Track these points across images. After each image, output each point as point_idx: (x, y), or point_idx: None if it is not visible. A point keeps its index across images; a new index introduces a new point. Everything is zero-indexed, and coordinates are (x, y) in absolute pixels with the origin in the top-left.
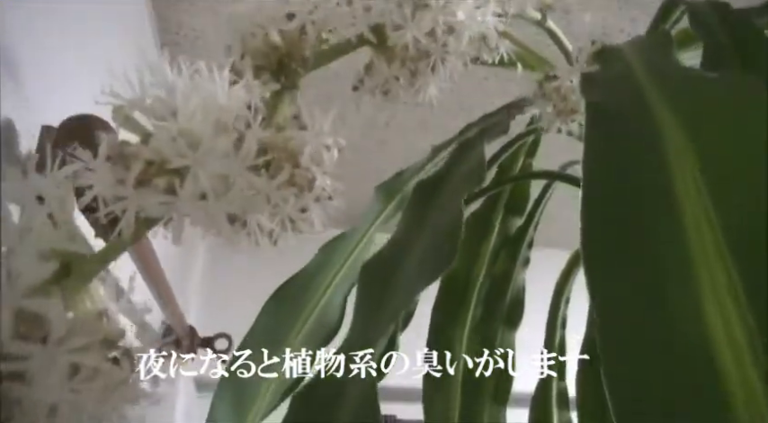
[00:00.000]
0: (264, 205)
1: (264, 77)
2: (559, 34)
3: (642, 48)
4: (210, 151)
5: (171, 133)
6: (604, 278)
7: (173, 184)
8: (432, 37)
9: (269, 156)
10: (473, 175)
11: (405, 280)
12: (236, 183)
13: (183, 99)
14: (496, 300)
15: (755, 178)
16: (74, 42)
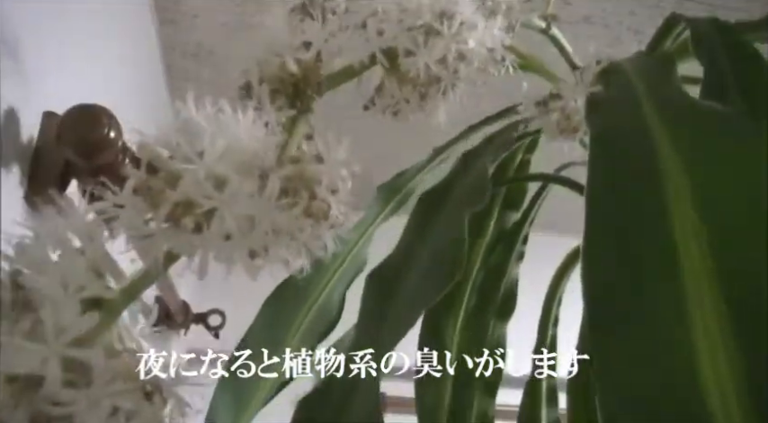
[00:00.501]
0: (286, 242)
1: (280, 101)
2: (563, 42)
3: (646, 71)
4: (236, 193)
5: (198, 176)
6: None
7: (199, 223)
8: (443, 64)
9: (287, 187)
10: (475, 194)
11: (408, 295)
12: (260, 222)
13: (209, 141)
14: (490, 291)
15: (754, 227)
16: (76, 27)
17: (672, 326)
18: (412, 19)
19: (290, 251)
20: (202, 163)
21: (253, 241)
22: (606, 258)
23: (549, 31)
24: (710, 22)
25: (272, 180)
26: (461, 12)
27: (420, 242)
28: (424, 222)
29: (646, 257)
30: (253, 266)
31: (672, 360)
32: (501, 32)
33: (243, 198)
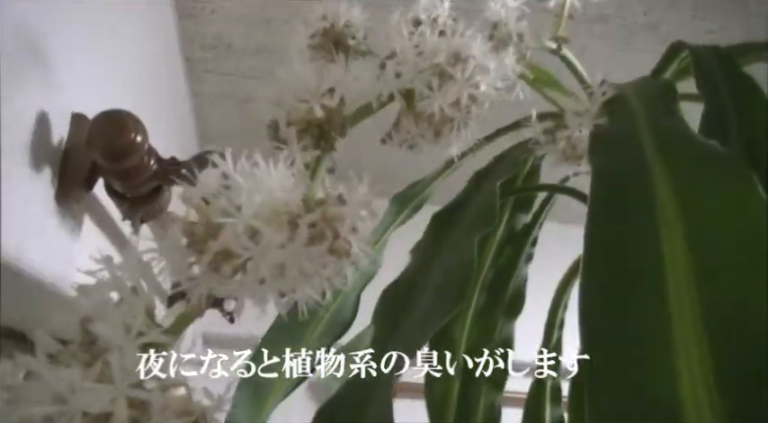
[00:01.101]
0: (312, 283)
1: (306, 141)
2: (574, 62)
3: (648, 102)
4: (270, 245)
5: (237, 230)
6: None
7: (236, 269)
8: (456, 106)
9: (314, 230)
10: (484, 220)
11: (418, 316)
12: (290, 268)
13: (247, 197)
14: (499, 290)
15: (739, 263)
16: (96, 20)
17: (656, 355)
18: (428, 62)
19: (314, 287)
20: (241, 217)
21: (283, 284)
22: (600, 292)
23: (559, 52)
24: (712, 52)
25: (300, 231)
26: (474, 55)
27: (432, 262)
28: (436, 243)
29: (636, 293)
30: (282, 303)
31: (655, 389)
32: (512, 62)
33: (275, 248)
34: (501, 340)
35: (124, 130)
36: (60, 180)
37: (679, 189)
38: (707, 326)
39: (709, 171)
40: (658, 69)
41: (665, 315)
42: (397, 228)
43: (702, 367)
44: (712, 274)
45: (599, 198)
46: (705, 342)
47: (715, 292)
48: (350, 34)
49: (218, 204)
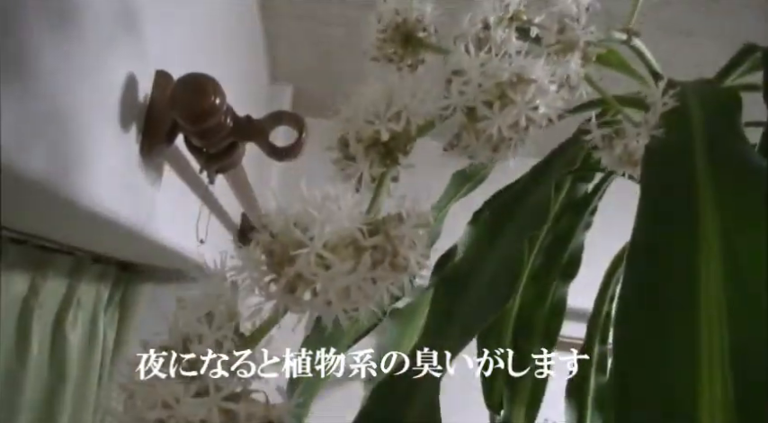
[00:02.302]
0: (373, 301)
1: (372, 156)
2: (646, 53)
3: (710, 113)
4: (337, 273)
5: (310, 258)
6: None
7: (309, 291)
8: (514, 128)
9: (376, 250)
10: (536, 220)
11: (472, 302)
12: (354, 292)
13: (319, 228)
14: (556, 253)
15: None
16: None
17: (681, 379)
18: (491, 82)
19: (374, 302)
20: (313, 247)
21: (348, 305)
22: (635, 315)
23: (630, 43)
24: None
25: (365, 259)
26: (535, 76)
27: (487, 254)
28: (491, 236)
29: (669, 321)
30: (346, 319)
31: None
32: (577, 66)
33: (341, 276)
34: (554, 301)
35: (204, 94)
36: (144, 136)
37: (723, 219)
38: (733, 361)
39: (755, 202)
40: (726, 70)
41: (694, 344)
42: (456, 202)
43: (724, 397)
44: (743, 309)
45: (644, 221)
46: (729, 375)
47: (744, 327)
48: (420, 28)
49: (294, 235)
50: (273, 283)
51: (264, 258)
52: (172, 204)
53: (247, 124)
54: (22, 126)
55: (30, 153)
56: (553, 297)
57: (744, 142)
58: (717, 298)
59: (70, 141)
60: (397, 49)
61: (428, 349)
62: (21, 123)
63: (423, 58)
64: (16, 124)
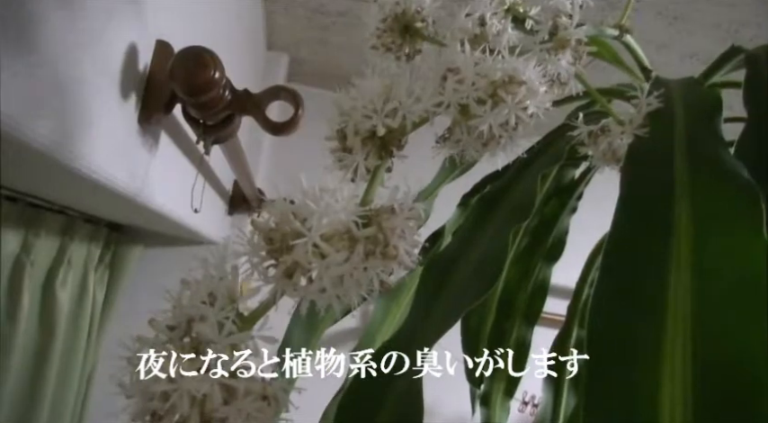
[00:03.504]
0: (364, 288)
1: (368, 148)
2: (637, 49)
3: (692, 115)
4: (333, 261)
5: (307, 248)
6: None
7: (305, 278)
8: (504, 126)
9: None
10: (521, 213)
11: (457, 288)
12: (348, 279)
13: (317, 220)
14: (542, 236)
15: (736, 301)
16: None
17: (647, 374)
18: (484, 81)
19: (365, 287)
20: (311, 237)
21: (341, 292)
22: (607, 315)
23: (621, 39)
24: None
25: (357, 250)
26: (526, 79)
27: (473, 243)
28: (477, 226)
29: (640, 311)
30: (339, 304)
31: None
32: (568, 64)
33: (336, 265)
34: (539, 281)
35: (204, 68)
36: (143, 105)
37: (697, 221)
38: (695, 359)
39: (728, 207)
40: (711, 69)
41: (661, 342)
42: (448, 183)
43: (684, 395)
44: (708, 310)
45: (622, 220)
46: (690, 372)
47: (707, 327)
48: (419, 19)
49: (293, 225)
50: (272, 268)
51: (264, 244)
52: (167, 172)
53: (245, 98)
54: (27, 94)
55: (34, 121)
56: (537, 278)
57: (722, 146)
58: (683, 303)
59: (72, 109)
60: (395, 38)
61: (412, 332)
62: (26, 92)
63: (420, 48)
64: (21, 92)
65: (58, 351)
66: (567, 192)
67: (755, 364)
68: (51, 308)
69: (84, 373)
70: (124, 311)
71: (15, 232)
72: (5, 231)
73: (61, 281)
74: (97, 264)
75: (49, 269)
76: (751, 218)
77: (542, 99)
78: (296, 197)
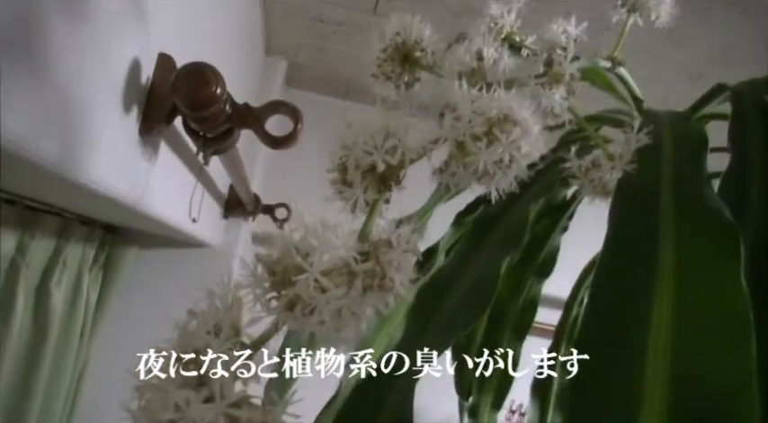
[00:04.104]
0: (361, 319)
1: (367, 182)
2: (629, 80)
3: (679, 153)
4: (332, 296)
5: (309, 283)
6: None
7: (304, 311)
8: (498, 164)
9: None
10: (513, 240)
11: (447, 314)
12: (346, 312)
13: (318, 256)
14: (533, 252)
15: (713, 343)
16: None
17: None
18: (480, 119)
19: (362, 318)
20: (312, 272)
21: (339, 324)
22: (594, 338)
23: (614, 70)
24: (753, 101)
25: (356, 285)
26: (520, 118)
27: (466, 268)
28: (471, 250)
29: (622, 348)
30: (337, 336)
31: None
32: (561, 98)
33: (335, 299)
34: (529, 296)
35: (206, 84)
36: (144, 117)
37: (680, 260)
38: (673, 396)
39: (709, 246)
40: (697, 105)
41: (641, 381)
42: (443, 203)
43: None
44: (687, 349)
45: (609, 255)
46: (667, 409)
47: (685, 366)
48: (418, 49)
49: (295, 261)
50: (274, 300)
51: (267, 276)
52: (167, 180)
53: (245, 112)
54: (34, 114)
55: (39, 140)
56: (527, 293)
57: (707, 184)
58: (664, 343)
59: (75, 125)
60: (395, 67)
61: (404, 352)
62: (32, 112)
63: (419, 77)
64: (28, 113)
65: (50, 350)
66: (558, 211)
67: (732, 402)
68: (45, 307)
69: (76, 371)
70: (118, 312)
71: (12, 234)
72: (2, 233)
73: (56, 281)
74: (92, 264)
75: (44, 270)
76: (730, 257)
77: (535, 139)
78: (297, 229)
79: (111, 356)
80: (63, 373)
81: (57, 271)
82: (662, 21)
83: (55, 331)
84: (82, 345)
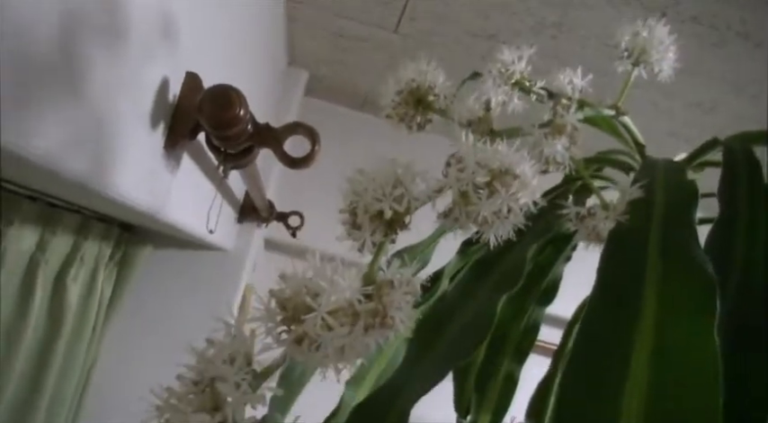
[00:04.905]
0: (362, 354)
1: (374, 225)
2: (632, 127)
3: (670, 206)
4: (336, 334)
5: (317, 321)
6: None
7: (311, 346)
8: (497, 214)
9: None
10: (511, 281)
11: (445, 347)
12: (349, 349)
13: (326, 298)
14: (536, 280)
15: (688, 390)
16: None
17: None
18: (483, 171)
19: (363, 352)
20: (320, 312)
21: (342, 359)
22: (577, 379)
23: (618, 118)
24: (744, 157)
25: (359, 325)
26: (520, 171)
27: (465, 303)
28: (470, 288)
29: (602, 386)
30: (338, 370)
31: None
32: (563, 149)
33: (340, 337)
34: (530, 322)
35: (230, 107)
36: (170, 132)
37: (661, 310)
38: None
39: (689, 300)
40: (692, 157)
41: (617, 414)
42: (449, 233)
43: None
44: (660, 392)
45: (596, 301)
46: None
47: (657, 405)
48: (431, 93)
49: (304, 300)
50: (284, 334)
51: (279, 311)
52: (186, 190)
53: (266, 132)
54: (68, 133)
55: (71, 157)
56: (529, 318)
57: (693, 239)
58: (641, 382)
59: (105, 142)
60: (409, 110)
61: (399, 386)
62: (67, 131)
63: (430, 119)
64: (63, 133)
65: (64, 342)
66: (563, 240)
67: None
68: (61, 301)
69: (86, 364)
70: (130, 309)
71: (33, 230)
72: (23, 229)
73: (72, 277)
74: (107, 261)
75: (62, 265)
76: (706, 312)
77: (533, 192)
78: (308, 274)
79: (121, 352)
80: (74, 364)
81: (74, 267)
82: (664, 75)
83: (69, 324)
84: (93, 339)
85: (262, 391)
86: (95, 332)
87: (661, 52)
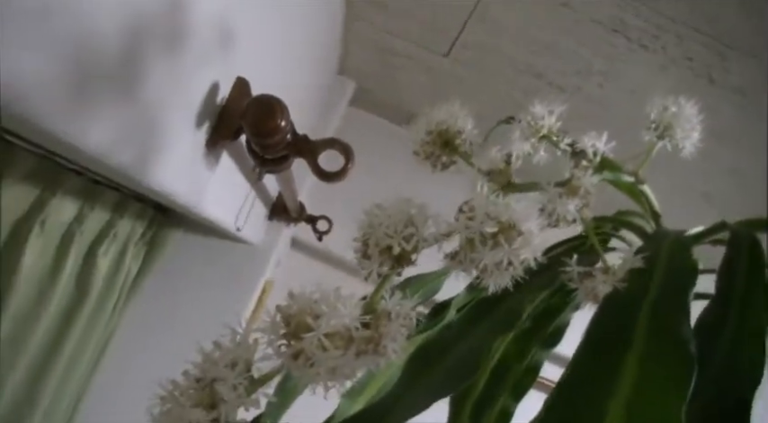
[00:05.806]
0: (352, 376)
1: (383, 258)
2: (650, 195)
3: (667, 281)
4: (330, 355)
5: (314, 341)
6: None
7: (307, 362)
8: (498, 265)
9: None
10: (504, 328)
11: (437, 377)
12: (341, 369)
13: (326, 321)
14: (543, 324)
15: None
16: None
17: None
18: (491, 223)
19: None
20: (318, 332)
21: (332, 378)
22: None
23: (637, 185)
24: (749, 244)
25: (352, 349)
26: (526, 229)
27: (461, 340)
28: (469, 326)
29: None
30: (328, 387)
31: None
32: (575, 209)
33: (333, 358)
34: (532, 363)
35: (272, 117)
36: (213, 132)
37: (639, 379)
38: None
39: (665, 378)
40: (698, 236)
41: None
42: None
43: None
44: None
45: (578, 359)
46: None
47: None
48: (459, 137)
49: (306, 321)
50: (284, 347)
51: (282, 325)
52: (222, 186)
53: (303, 143)
54: (122, 131)
55: (121, 151)
56: (531, 359)
57: (684, 317)
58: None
59: (152, 138)
60: (435, 150)
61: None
62: (121, 128)
63: (455, 160)
64: (118, 129)
65: (86, 312)
66: (573, 291)
67: None
68: (90, 274)
69: (104, 337)
70: (152, 288)
71: (74, 203)
72: (65, 201)
73: (103, 251)
74: (138, 240)
75: (95, 239)
76: (678, 392)
77: (534, 249)
78: (313, 297)
79: (139, 329)
80: (92, 335)
81: (106, 242)
82: (687, 152)
83: (94, 296)
84: (114, 313)
85: (257, 396)
86: (116, 308)
87: (686, 131)
